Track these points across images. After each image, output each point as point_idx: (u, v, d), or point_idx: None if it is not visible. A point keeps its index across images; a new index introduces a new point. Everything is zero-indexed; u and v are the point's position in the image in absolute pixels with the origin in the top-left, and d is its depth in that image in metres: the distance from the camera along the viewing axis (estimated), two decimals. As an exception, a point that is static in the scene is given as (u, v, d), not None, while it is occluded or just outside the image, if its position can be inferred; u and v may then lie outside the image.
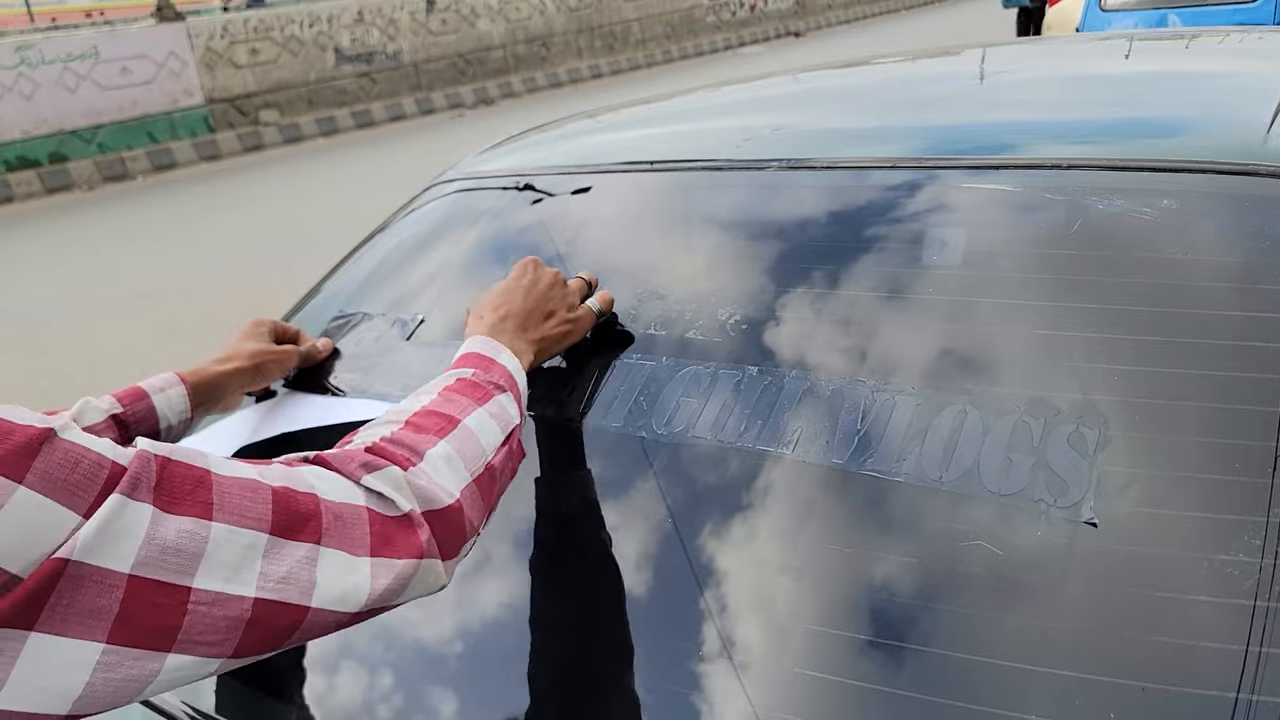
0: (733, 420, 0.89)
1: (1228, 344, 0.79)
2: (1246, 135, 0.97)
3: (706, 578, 0.82)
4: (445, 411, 0.77)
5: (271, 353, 1.09)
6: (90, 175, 10.52)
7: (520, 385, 0.86)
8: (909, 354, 0.88)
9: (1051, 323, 0.86)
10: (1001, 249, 0.94)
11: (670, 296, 1.04)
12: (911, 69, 1.75)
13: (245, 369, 1.06)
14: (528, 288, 0.95)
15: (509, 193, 1.35)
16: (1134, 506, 0.73)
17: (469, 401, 0.79)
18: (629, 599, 0.84)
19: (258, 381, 1.09)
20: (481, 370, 0.84)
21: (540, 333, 0.93)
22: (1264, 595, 0.66)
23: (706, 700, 0.76)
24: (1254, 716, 0.63)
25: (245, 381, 1.07)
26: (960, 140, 1.12)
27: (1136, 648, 0.67)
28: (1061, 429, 0.77)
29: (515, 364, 0.87)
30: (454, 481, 0.71)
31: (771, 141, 1.21)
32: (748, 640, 0.77)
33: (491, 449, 0.77)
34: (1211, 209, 0.89)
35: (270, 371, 1.09)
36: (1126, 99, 1.22)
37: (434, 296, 1.23)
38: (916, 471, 0.78)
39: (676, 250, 1.12)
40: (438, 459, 0.72)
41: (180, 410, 0.98)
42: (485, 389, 0.81)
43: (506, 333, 0.90)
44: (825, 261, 1.00)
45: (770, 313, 0.97)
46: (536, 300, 0.95)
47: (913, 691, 0.71)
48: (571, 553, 0.92)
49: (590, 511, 0.91)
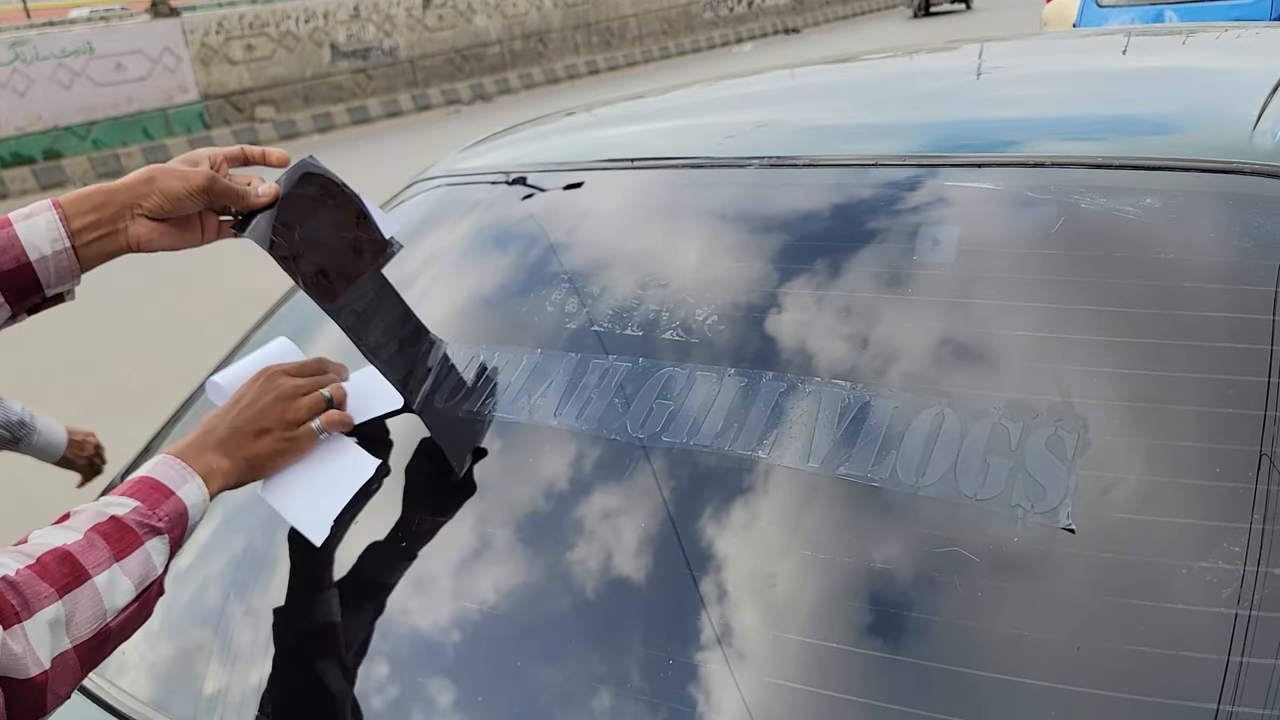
0: (709, 423, 0.87)
1: (1210, 346, 0.78)
2: (1232, 132, 0.96)
3: (679, 582, 0.80)
4: (80, 560, 0.70)
5: (172, 169, 0.89)
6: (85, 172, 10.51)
7: (194, 517, 0.80)
8: (886, 356, 0.86)
9: (1031, 324, 0.85)
10: (983, 249, 0.93)
11: (648, 296, 1.03)
12: (898, 65, 1.73)
13: (132, 182, 0.87)
14: (246, 404, 0.90)
15: (491, 189, 1.33)
16: (1113, 512, 0.71)
17: (109, 555, 0.72)
18: (600, 603, 0.83)
19: (158, 202, 0.87)
20: (146, 505, 0.77)
21: (248, 451, 0.87)
22: (1244, 603, 0.65)
23: (676, 709, 0.74)
24: (1233, 727, 0.61)
25: (137, 199, 0.86)
26: (943, 138, 1.11)
27: (1114, 656, 0.66)
28: (1040, 433, 0.75)
29: (200, 495, 0.81)
30: (49, 650, 0.65)
31: (753, 139, 1.20)
32: (719, 648, 0.76)
33: (114, 611, 0.71)
34: (1195, 207, 0.88)
35: (170, 189, 0.87)
36: (1113, 96, 1.21)
37: (417, 292, 1.22)
38: (893, 476, 0.77)
39: (654, 249, 1.10)
40: (43, 622, 0.65)
41: (53, 237, 0.83)
42: (136, 535, 0.74)
43: (208, 449, 0.85)
44: (802, 262, 0.98)
45: (748, 314, 0.96)
46: (250, 417, 0.89)
47: (886, 701, 0.69)
48: (546, 556, 0.90)
49: (565, 515, 0.90)
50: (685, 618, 0.78)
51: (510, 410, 0.98)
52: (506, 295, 1.14)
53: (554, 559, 0.88)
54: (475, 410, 1.00)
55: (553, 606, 0.86)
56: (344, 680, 0.89)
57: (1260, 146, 0.91)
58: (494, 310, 1.14)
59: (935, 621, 0.72)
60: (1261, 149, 0.91)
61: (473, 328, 1.13)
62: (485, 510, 0.94)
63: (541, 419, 0.96)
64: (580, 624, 0.83)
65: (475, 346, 1.07)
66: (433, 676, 0.86)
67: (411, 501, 0.98)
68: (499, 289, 1.14)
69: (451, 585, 0.90)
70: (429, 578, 0.91)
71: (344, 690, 0.88)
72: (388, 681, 0.87)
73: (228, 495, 1.09)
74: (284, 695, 0.91)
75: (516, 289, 1.12)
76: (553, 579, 0.87)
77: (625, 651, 0.79)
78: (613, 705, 0.76)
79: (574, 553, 0.87)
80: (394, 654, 0.88)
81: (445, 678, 0.85)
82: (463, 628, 0.87)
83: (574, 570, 0.86)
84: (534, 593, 0.87)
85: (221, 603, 1.00)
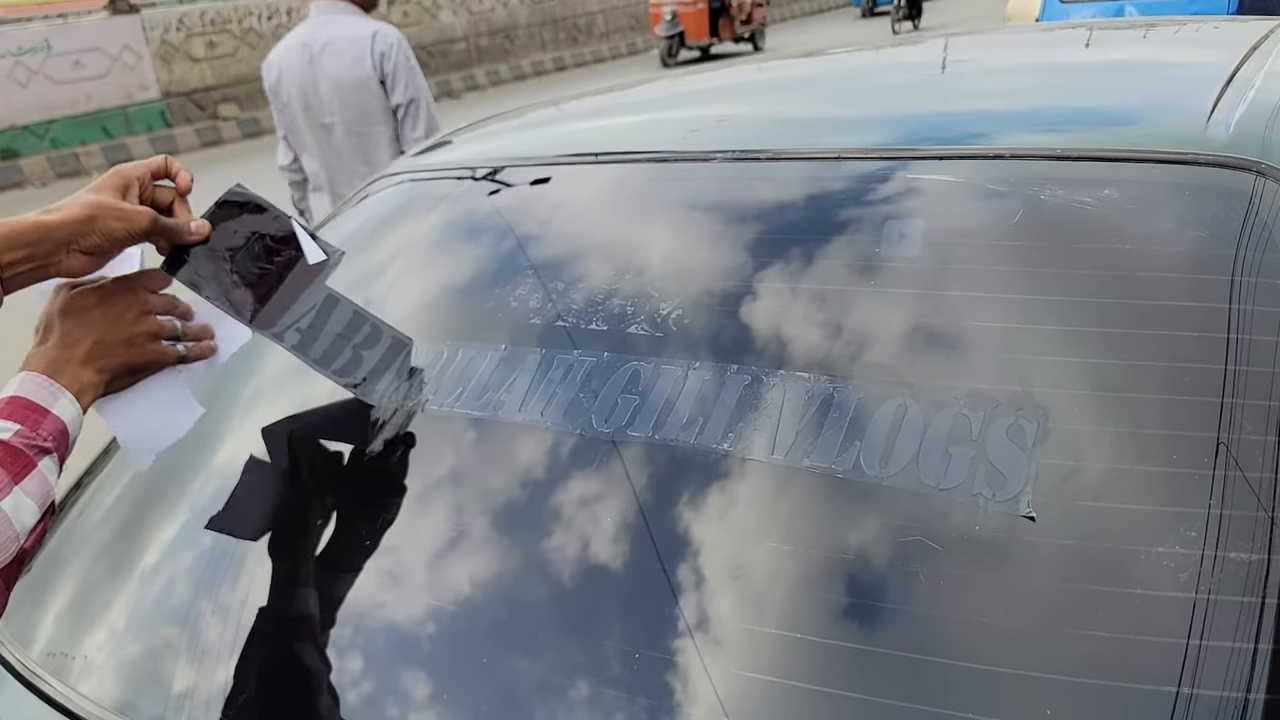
0: (675, 417, 0.87)
1: (1166, 334, 0.79)
2: (1187, 124, 0.97)
3: (647, 576, 0.80)
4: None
5: (114, 208, 0.85)
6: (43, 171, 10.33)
7: (72, 434, 0.79)
8: (850, 349, 0.87)
9: (992, 314, 0.86)
10: (945, 241, 0.94)
11: (613, 290, 1.02)
12: (861, 60, 1.74)
13: (75, 220, 0.82)
14: (113, 316, 0.85)
15: (456, 184, 1.33)
16: (1073, 500, 0.72)
17: (8, 479, 0.71)
18: (567, 598, 0.83)
19: (97, 242, 0.84)
20: (28, 428, 0.75)
21: (113, 362, 0.84)
22: (1202, 588, 0.65)
23: (644, 701, 0.74)
24: (1193, 710, 0.62)
25: (76, 237, 0.83)
26: (906, 131, 1.12)
27: (1075, 642, 0.67)
28: (1000, 422, 0.76)
29: (73, 410, 0.79)
30: None
31: (717, 132, 1.20)
32: (686, 640, 0.76)
33: (25, 533, 0.72)
34: (1151, 198, 0.89)
35: (110, 231, 0.84)
36: (1073, 89, 1.22)
37: (379, 289, 1.21)
38: (857, 467, 0.77)
39: (618, 244, 1.10)
40: None
41: None
42: (27, 457, 0.73)
43: (73, 362, 0.81)
44: (766, 255, 0.99)
45: (714, 307, 0.96)
46: (115, 329, 0.84)
47: (851, 690, 0.70)
48: (513, 551, 0.90)
49: (532, 511, 0.90)
50: (652, 611, 0.78)
51: (475, 406, 0.98)
52: (471, 291, 1.13)
53: (521, 554, 0.88)
54: (440, 407, 1.00)
55: (520, 601, 0.86)
56: (309, 679, 0.88)
57: (1214, 138, 0.92)
58: (458, 306, 1.13)
59: (900, 610, 0.72)
60: (1215, 140, 0.92)
61: (437, 324, 1.12)
62: (451, 507, 0.94)
63: (508, 415, 0.95)
64: (548, 619, 0.83)
65: (439, 343, 1.06)
66: (399, 673, 0.85)
67: (378, 499, 0.97)
68: (463, 285, 1.13)
69: (418, 581, 0.89)
70: (396, 574, 0.91)
71: (309, 690, 0.87)
72: (356, 678, 0.86)
73: (195, 493, 1.08)
74: (251, 695, 0.90)
75: (481, 285, 1.12)
76: (520, 574, 0.87)
77: (593, 645, 0.79)
78: (580, 699, 0.76)
79: (541, 548, 0.86)
80: (360, 650, 0.87)
81: (411, 674, 0.85)
82: (429, 624, 0.87)
83: (541, 565, 0.86)
84: (501, 588, 0.87)
85: (186, 603, 0.98)
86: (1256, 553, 0.66)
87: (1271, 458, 0.70)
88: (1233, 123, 0.94)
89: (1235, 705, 0.62)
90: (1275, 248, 0.81)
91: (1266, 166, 0.87)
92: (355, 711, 0.84)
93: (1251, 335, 0.76)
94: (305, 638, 0.92)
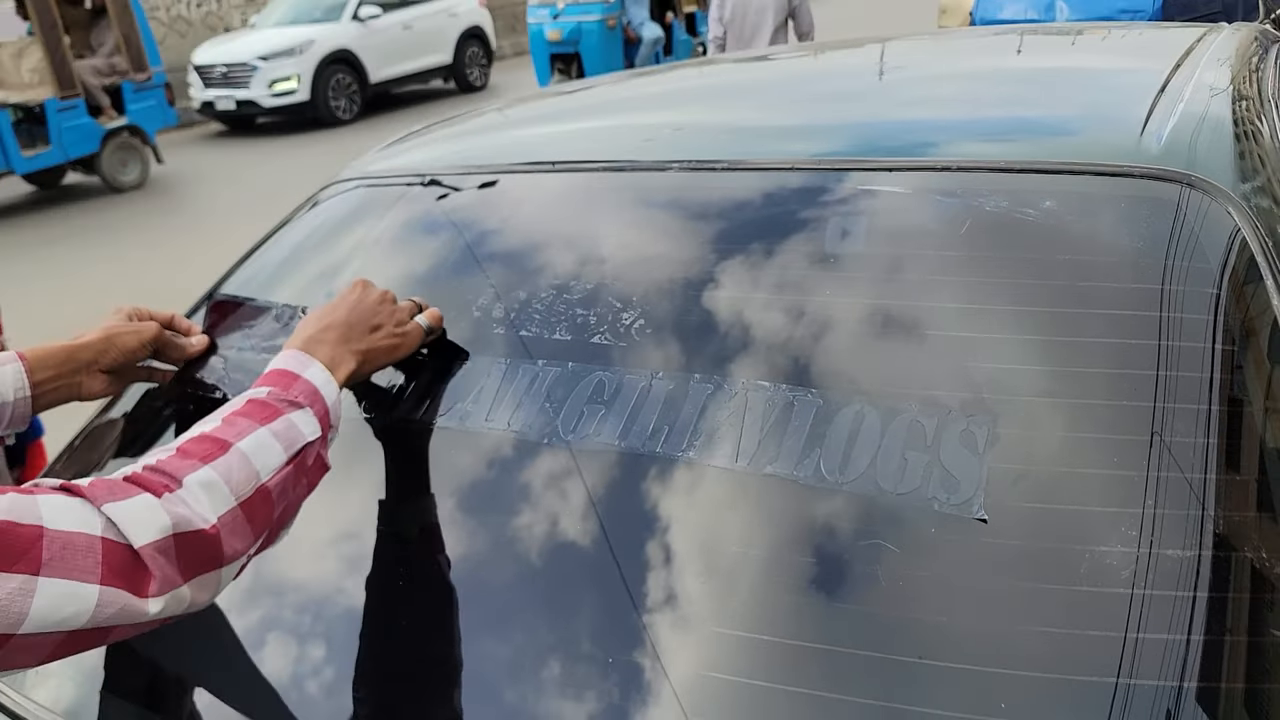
0: (636, 426, 0.89)
1: (1104, 342, 0.83)
2: (1122, 136, 1.01)
3: (611, 582, 0.82)
4: (218, 436, 0.78)
5: (125, 327, 1.05)
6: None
7: (329, 398, 0.87)
8: (808, 357, 0.89)
9: (943, 323, 0.89)
10: (895, 251, 0.97)
11: (572, 300, 1.04)
12: (807, 65, 1.78)
13: (94, 342, 1.02)
14: (354, 303, 0.97)
15: (408, 190, 1.32)
16: (1020, 501, 0.76)
17: (249, 423, 0.80)
18: (532, 605, 0.84)
19: (115, 358, 1.03)
20: (279, 388, 0.84)
21: (366, 344, 0.94)
22: (1140, 584, 0.70)
23: (610, 705, 0.76)
24: (1132, 699, 0.66)
25: (97, 356, 1.02)
26: (854, 141, 1.15)
27: (1025, 638, 0.71)
28: (954, 428, 0.79)
29: (324, 376, 0.88)
30: (213, 507, 0.73)
31: (672, 141, 1.22)
32: (653, 644, 0.78)
33: (268, 471, 0.78)
34: (1090, 209, 0.93)
35: (126, 344, 1.04)
36: (1015, 99, 1.26)
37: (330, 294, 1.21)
38: (816, 473, 0.80)
39: (576, 253, 1.11)
40: (195, 485, 0.73)
41: (16, 386, 0.96)
42: (274, 408, 0.82)
43: (327, 343, 0.91)
44: (722, 264, 1.01)
45: (673, 317, 0.98)
46: (363, 313, 0.96)
47: (812, 689, 0.72)
48: (475, 560, 0.91)
49: (495, 520, 0.91)
50: (618, 617, 0.80)
51: (434, 416, 0.98)
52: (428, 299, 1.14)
53: (484, 563, 0.89)
54: (399, 418, 1.01)
55: (487, 609, 0.87)
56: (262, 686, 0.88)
57: (1148, 149, 0.97)
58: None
59: (860, 611, 0.75)
60: (1149, 152, 0.97)
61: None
62: (414, 517, 0.94)
63: (469, 422, 0.97)
64: (515, 626, 0.84)
65: None
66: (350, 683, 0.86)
67: (340, 510, 0.97)
68: (415, 292, 1.13)
69: (379, 591, 0.90)
70: (356, 583, 0.91)
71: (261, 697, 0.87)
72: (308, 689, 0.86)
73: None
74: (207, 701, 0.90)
75: (434, 292, 1.12)
76: (483, 583, 0.88)
77: (561, 650, 0.81)
78: (544, 706, 0.78)
79: (504, 556, 0.88)
80: (316, 655, 0.88)
81: (367, 685, 0.85)
82: (390, 634, 0.88)
83: (505, 574, 0.87)
84: (469, 596, 0.88)
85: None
86: (1189, 549, 0.71)
87: (1202, 457, 0.75)
88: (1164, 134, 0.99)
89: (1170, 693, 0.66)
90: (1203, 257, 0.86)
91: (1195, 178, 0.92)
92: (306, 714, 0.84)
93: (1181, 342, 0.81)
94: (259, 646, 0.92)
